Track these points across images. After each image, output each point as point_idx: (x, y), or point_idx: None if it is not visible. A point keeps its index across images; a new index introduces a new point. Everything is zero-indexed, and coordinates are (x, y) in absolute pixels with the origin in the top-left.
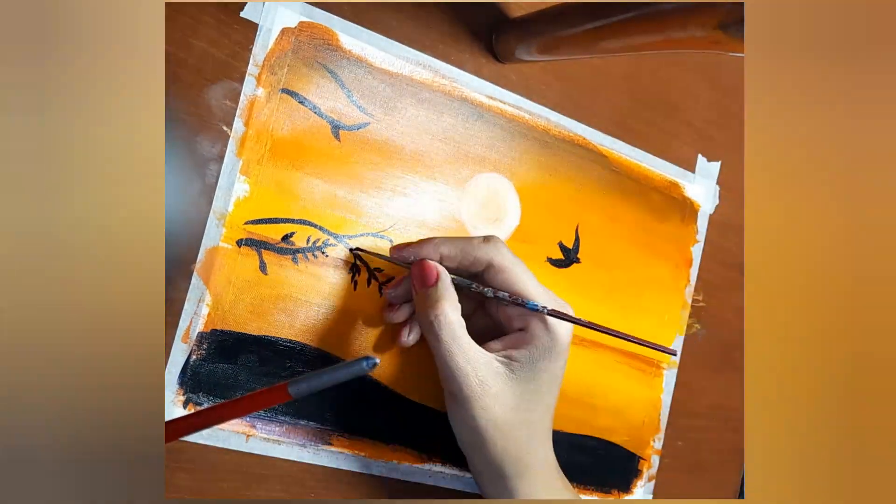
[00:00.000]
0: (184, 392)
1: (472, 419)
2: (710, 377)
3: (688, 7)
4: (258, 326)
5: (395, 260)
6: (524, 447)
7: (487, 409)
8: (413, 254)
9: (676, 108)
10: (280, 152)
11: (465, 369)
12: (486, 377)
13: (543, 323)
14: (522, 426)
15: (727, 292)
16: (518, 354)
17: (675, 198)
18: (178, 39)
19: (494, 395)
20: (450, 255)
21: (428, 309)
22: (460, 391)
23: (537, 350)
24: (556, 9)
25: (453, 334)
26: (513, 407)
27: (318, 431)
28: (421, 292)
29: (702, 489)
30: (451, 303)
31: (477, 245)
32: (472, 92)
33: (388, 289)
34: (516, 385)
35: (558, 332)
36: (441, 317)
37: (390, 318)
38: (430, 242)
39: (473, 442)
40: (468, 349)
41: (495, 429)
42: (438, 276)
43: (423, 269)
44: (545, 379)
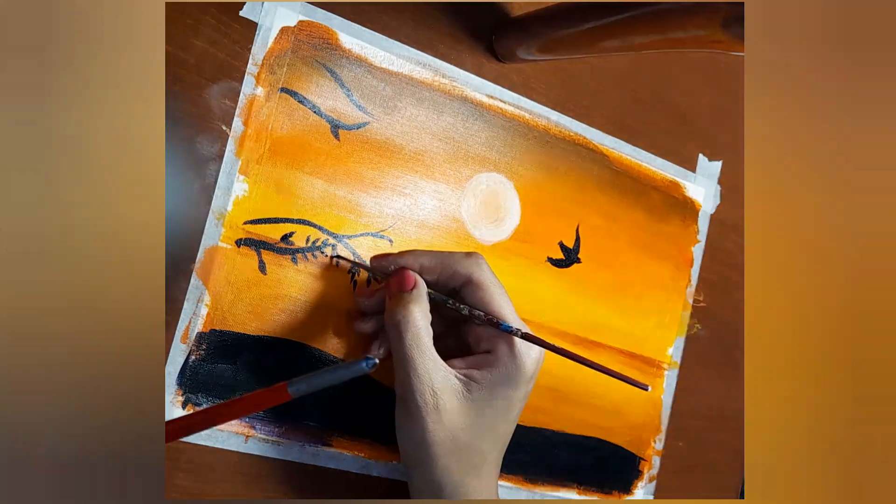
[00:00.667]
0: (183, 392)
1: (419, 430)
2: (711, 377)
3: (688, 7)
4: (258, 326)
5: (374, 269)
6: (467, 473)
7: (436, 424)
8: (393, 263)
9: (677, 108)
10: (279, 152)
11: (422, 377)
12: (442, 390)
13: (510, 349)
14: (469, 451)
15: (727, 292)
16: (478, 375)
17: (676, 197)
18: (178, 39)
19: (447, 410)
20: (429, 267)
21: (398, 309)
22: (413, 399)
23: (499, 374)
24: (556, 9)
25: (417, 338)
26: (463, 428)
27: (318, 431)
28: (395, 296)
29: (702, 489)
30: (421, 308)
31: (458, 258)
32: (472, 91)
33: (361, 296)
34: (471, 406)
35: (524, 361)
36: (409, 318)
37: (360, 328)
38: (410, 253)
39: (416, 456)
40: (429, 357)
41: (440, 446)
42: (416, 284)
43: (402, 277)
44: (501, 406)
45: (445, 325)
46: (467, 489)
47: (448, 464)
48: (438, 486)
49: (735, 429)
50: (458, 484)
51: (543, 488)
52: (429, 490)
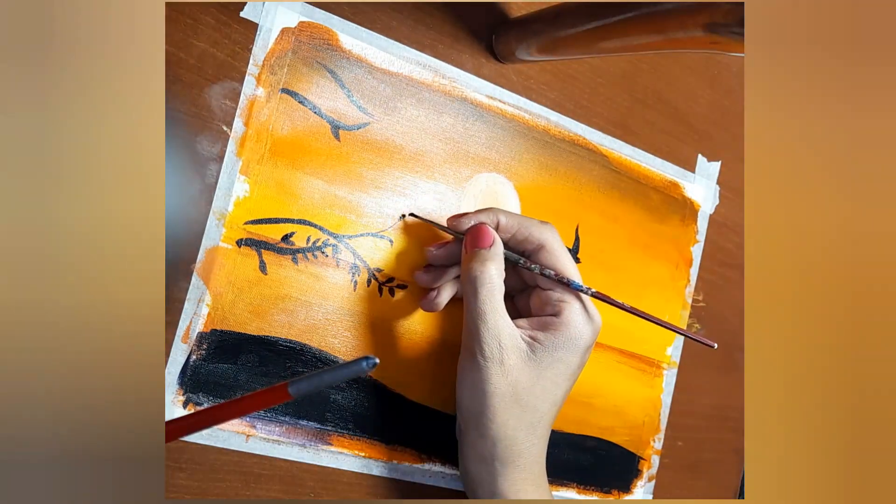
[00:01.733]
0: (184, 392)
1: (483, 382)
2: (710, 377)
3: (688, 7)
4: (258, 326)
5: (450, 228)
6: (522, 432)
7: (499, 377)
8: (473, 219)
9: (676, 108)
10: (280, 152)
11: (493, 330)
12: (508, 346)
13: (577, 313)
14: (527, 410)
15: (727, 292)
16: (542, 337)
17: (675, 198)
18: (178, 39)
19: (510, 366)
20: (506, 226)
21: (476, 264)
22: (480, 350)
23: (562, 337)
24: (555, 9)
25: (491, 294)
26: (524, 386)
27: (318, 431)
28: (471, 252)
29: (702, 489)
30: (497, 266)
31: (534, 223)
32: (472, 92)
33: (431, 246)
34: (533, 366)
35: (586, 327)
36: (486, 274)
37: (420, 278)
38: (489, 210)
39: (475, 409)
40: (500, 314)
41: (501, 400)
42: (494, 241)
43: (480, 232)
44: (561, 370)
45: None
46: (520, 446)
47: (506, 419)
48: (493, 439)
49: (735, 429)
50: (512, 440)
51: None
52: (482, 443)
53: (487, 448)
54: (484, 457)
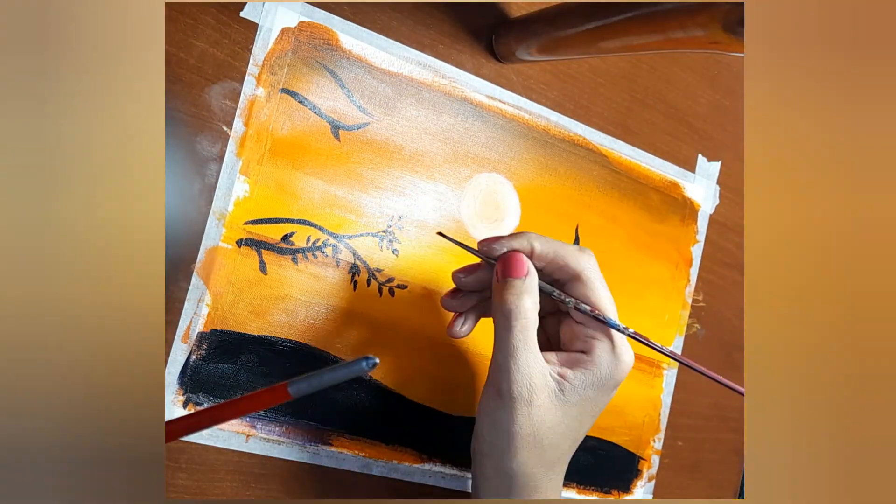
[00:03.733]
0: (184, 392)
1: (508, 422)
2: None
3: (688, 7)
4: (258, 326)
5: (482, 254)
6: (541, 469)
7: (526, 418)
8: (506, 245)
9: (676, 108)
10: (280, 152)
11: (522, 370)
12: (538, 387)
13: (606, 352)
14: (549, 449)
15: (727, 292)
16: (571, 375)
17: (675, 198)
18: (178, 39)
19: (538, 406)
20: (542, 254)
21: (510, 297)
22: (508, 390)
23: (591, 377)
24: (555, 9)
25: (525, 330)
26: (550, 426)
27: (318, 431)
28: (504, 281)
29: (702, 489)
30: (533, 300)
31: (571, 252)
32: (472, 92)
33: (459, 272)
34: (560, 406)
35: (618, 366)
36: (521, 309)
37: (448, 304)
38: (523, 235)
39: (498, 446)
40: (532, 351)
41: (524, 440)
42: (529, 272)
43: (514, 260)
44: (587, 408)
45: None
46: (538, 483)
47: (527, 458)
48: (511, 476)
49: (735, 429)
50: (530, 476)
51: None
52: (497, 480)
53: (504, 484)
54: (499, 491)
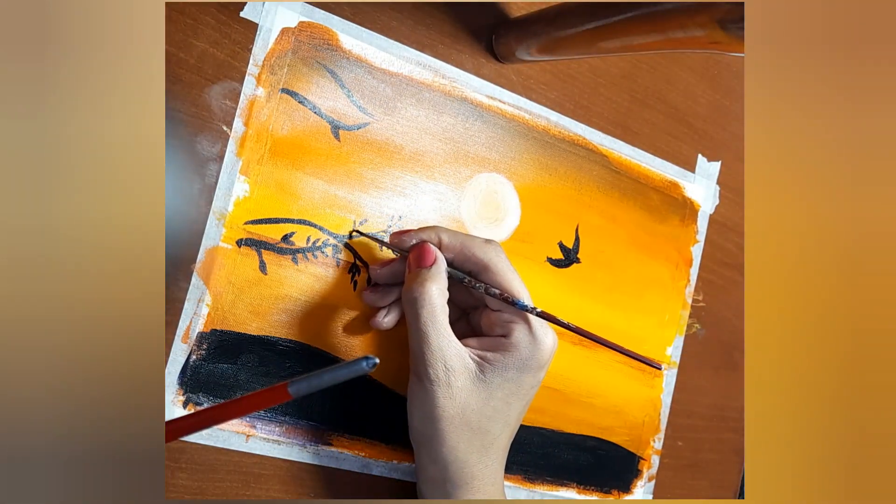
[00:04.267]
0: (184, 392)
1: (431, 406)
2: (710, 377)
3: (688, 7)
4: (258, 326)
5: (393, 246)
6: (474, 455)
7: (447, 400)
8: (414, 237)
9: (676, 108)
10: (280, 152)
11: (435, 352)
12: (455, 368)
13: (525, 334)
14: (479, 432)
15: (727, 292)
16: (492, 357)
17: (675, 198)
18: (178, 39)
19: (458, 387)
20: (450, 245)
21: (415, 285)
22: (425, 373)
23: (513, 358)
24: (555, 9)
25: (433, 315)
26: (473, 408)
27: (318, 431)
28: (414, 271)
29: (702, 489)
30: (438, 286)
31: (478, 244)
32: (472, 92)
33: (375, 266)
34: (483, 388)
35: (538, 347)
36: (426, 295)
37: (368, 298)
38: (431, 228)
39: (425, 433)
40: (443, 334)
41: (450, 423)
42: (436, 260)
43: (422, 250)
44: (513, 390)
45: (459, 313)
46: (473, 469)
47: (456, 442)
48: (444, 463)
49: (735, 429)
50: (463, 462)
51: (543, 488)
52: (434, 468)
53: (439, 471)
54: (436, 480)
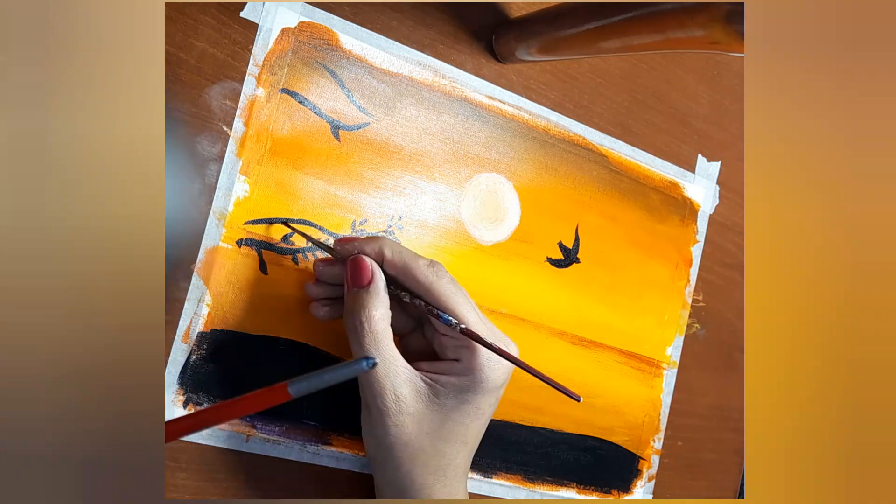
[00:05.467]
0: (184, 392)
1: (381, 434)
2: (710, 377)
3: (688, 7)
4: (258, 326)
5: (337, 252)
6: (431, 477)
7: (399, 427)
8: (357, 248)
9: (676, 108)
10: (280, 152)
11: (384, 381)
12: (405, 394)
13: (477, 359)
14: (433, 455)
15: (727, 292)
16: (445, 380)
17: (675, 198)
18: (178, 39)
19: (410, 414)
20: (392, 261)
21: (355, 311)
22: (374, 403)
23: (466, 381)
24: (556, 9)
25: (376, 342)
26: (428, 432)
27: (318, 431)
28: (352, 292)
29: (702, 489)
30: (379, 309)
31: (421, 265)
32: (472, 92)
33: (319, 262)
34: (437, 410)
35: (490, 372)
36: (366, 323)
37: (312, 292)
38: (376, 240)
39: (379, 458)
40: (391, 360)
41: (403, 450)
42: (373, 278)
43: (358, 266)
44: (468, 411)
45: (412, 327)
46: (430, 491)
47: (411, 468)
48: (401, 487)
49: (735, 429)
50: (421, 486)
51: (543, 487)
52: (391, 492)
53: (398, 495)
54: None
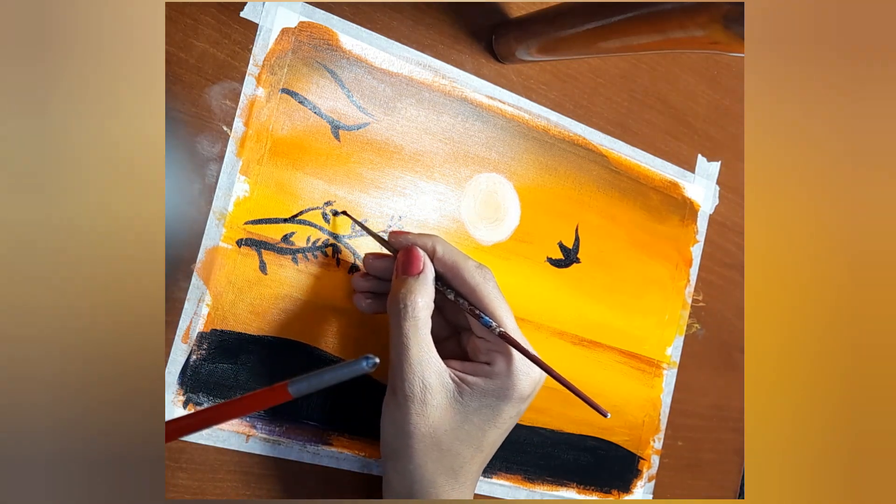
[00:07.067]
0: (184, 392)
1: (403, 422)
2: (710, 377)
3: (688, 7)
4: (258, 326)
5: (387, 244)
6: (441, 476)
7: (420, 416)
8: (410, 241)
9: (676, 108)
10: (280, 152)
11: (414, 367)
12: (433, 385)
13: (509, 364)
14: (448, 453)
15: (727, 292)
16: (473, 381)
17: (675, 198)
18: (178, 39)
19: (433, 406)
20: (443, 258)
21: (400, 295)
22: (401, 387)
23: (493, 386)
24: (556, 9)
25: (416, 327)
26: (446, 429)
27: (318, 431)
28: (401, 278)
29: (702, 489)
30: (424, 297)
31: (470, 266)
32: (472, 92)
33: (370, 256)
34: (459, 410)
35: (521, 379)
36: (410, 306)
37: (359, 285)
38: (430, 236)
39: (396, 447)
40: (424, 349)
41: (420, 441)
42: (424, 268)
43: (410, 256)
44: (490, 416)
45: (450, 331)
46: (439, 491)
47: (424, 461)
48: (410, 480)
49: (735, 429)
50: (430, 483)
51: (543, 487)
52: (399, 483)
53: (405, 487)
54: (400, 494)
